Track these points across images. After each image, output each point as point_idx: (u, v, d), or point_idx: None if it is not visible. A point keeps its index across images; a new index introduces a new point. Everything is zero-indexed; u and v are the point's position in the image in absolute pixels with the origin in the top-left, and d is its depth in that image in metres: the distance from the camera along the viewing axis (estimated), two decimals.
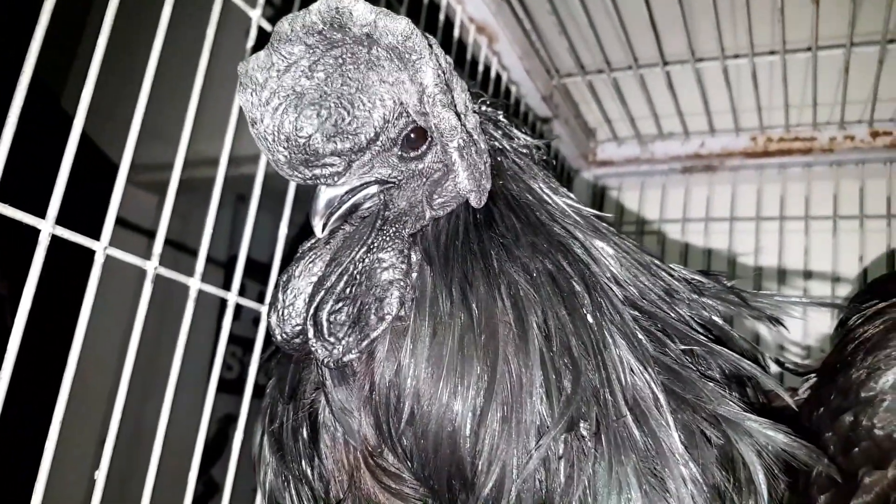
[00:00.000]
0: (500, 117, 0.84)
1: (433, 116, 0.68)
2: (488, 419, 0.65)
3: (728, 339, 0.82)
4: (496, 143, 0.81)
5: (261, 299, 1.04)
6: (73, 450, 1.29)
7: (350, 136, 0.69)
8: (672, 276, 0.82)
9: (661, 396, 0.66)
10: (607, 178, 2.19)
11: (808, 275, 1.88)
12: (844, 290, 1.84)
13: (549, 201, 0.81)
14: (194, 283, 0.86)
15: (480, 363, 0.66)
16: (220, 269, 2.11)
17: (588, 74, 1.80)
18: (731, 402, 0.68)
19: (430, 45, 0.70)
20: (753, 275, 1.86)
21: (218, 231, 0.90)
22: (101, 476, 0.74)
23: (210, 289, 0.88)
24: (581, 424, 0.65)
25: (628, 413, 0.65)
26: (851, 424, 0.73)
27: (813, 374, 0.86)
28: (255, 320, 1.04)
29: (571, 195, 0.85)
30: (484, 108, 0.82)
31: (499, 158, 0.80)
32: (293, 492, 0.75)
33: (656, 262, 0.82)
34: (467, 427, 0.65)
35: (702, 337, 0.74)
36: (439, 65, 0.69)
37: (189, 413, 0.87)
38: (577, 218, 0.81)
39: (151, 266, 0.81)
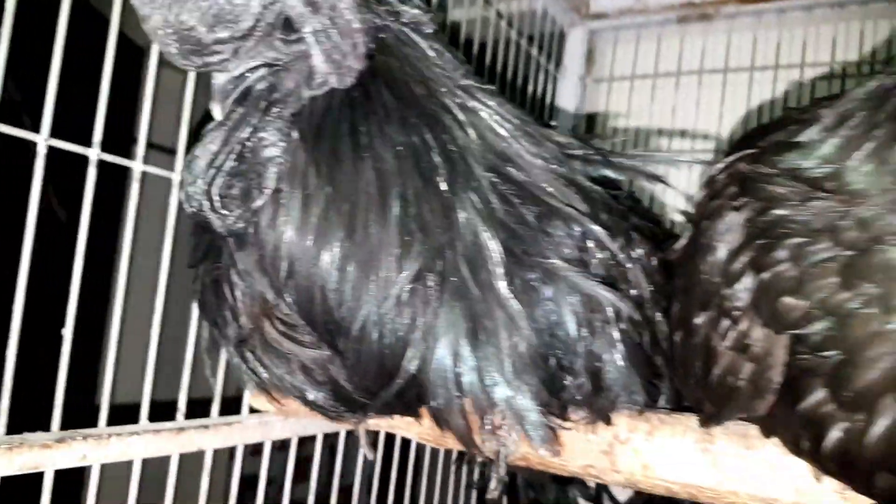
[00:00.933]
0: None
1: (283, 4, 0.75)
2: (349, 275, 0.76)
3: (600, 199, 0.89)
4: (377, 20, 0.86)
5: None
6: None
7: (230, 25, 0.77)
8: (546, 140, 0.89)
9: (495, 253, 0.76)
10: (603, 32, 2.15)
11: None
12: None
13: (430, 75, 0.87)
14: (137, 166, 0.97)
15: (344, 229, 0.76)
16: None
17: None
18: (557, 259, 0.77)
19: None
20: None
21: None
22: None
23: (153, 170, 0.99)
24: (428, 276, 0.76)
25: (465, 266, 0.75)
26: (690, 270, 0.81)
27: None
28: None
29: (459, 63, 0.91)
30: None
31: (381, 35, 0.86)
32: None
33: (532, 127, 0.89)
34: (333, 281, 0.77)
35: (554, 200, 0.82)
36: None
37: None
38: (457, 90, 0.88)
39: (94, 153, 0.92)
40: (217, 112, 0.84)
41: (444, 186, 0.79)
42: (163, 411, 1.00)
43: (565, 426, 0.84)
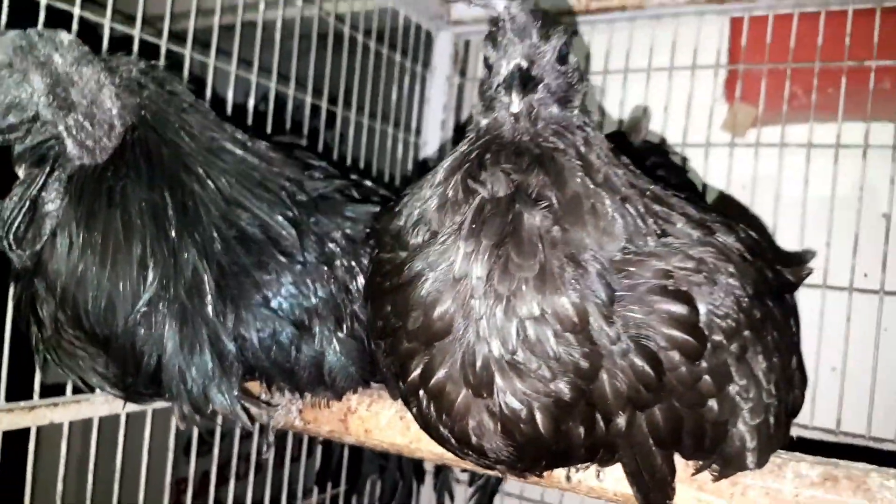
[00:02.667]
0: (153, 74, 1.17)
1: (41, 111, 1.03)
2: (103, 299, 1.06)
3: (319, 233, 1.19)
4: (140, 100, 1.14)
5: None
6: None
7: (19, 114, 1.05)
8: (278, 180, 1.18)
9: (207, 286, 1.06)
10: (468, 35, 2.39)
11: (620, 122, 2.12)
12: None
13: (180, 141, 1.15)
14: None
15: (98, 265, 1.06)
16: None
17: None
18: (267, 292, 1.08)
19: (56, 50, 1.03)
20: None
21: None
22: None
23: None
24: (159, 301, 1.06)
25: (184, 294, 1.05)
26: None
27: None
28: None
29: (214, 124, 1.19)
30: (131, 68, 1.14)
31: (143, 112, 1.14)
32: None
33: (267, 169, 1.18)
34: (92, 304, 1.06)
35: (269, 247, 1.12)
36: (51, 71, 1.02)
37: None
38: (204, 151, 1.16)
39: None
40: (20, 173, 1.12)
41: (173, 234, 1.08)
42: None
43: (272, 404, 1.15)
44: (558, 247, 0.80)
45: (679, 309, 0.81)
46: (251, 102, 1.67)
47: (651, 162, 1.29)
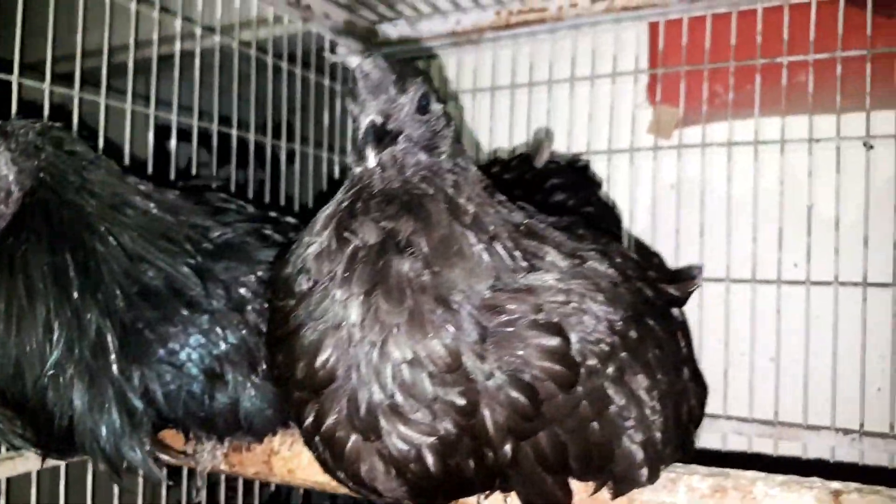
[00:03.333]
0: (51, 135, 1.18)
1: None
2: (12, 363, 1.07)
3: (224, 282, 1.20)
4: (38, 163, 1.15)
5: None
6: None
7: None
8: (182, 230, 1.20)
9: (111, 345, 1.07)
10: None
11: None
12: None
13: (82, 201, 1.16)
14: None
15: (4, 331, 1.07)
16: None
17: None
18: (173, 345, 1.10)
19: None
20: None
21: None
22: None
23: None
24: (66, 362, 1.07)
25: (90, 354, 1.07)
26: None
27: None
28: None
29: (118, 179, 1.20)
30: (27, 132, 1.15)
31: (41, 175, 1.15)
32: None
33: (173, 217, 1.20)
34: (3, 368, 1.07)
35: (174, 302, 1.13)
36: None
37: None
38: (107, 208, 1.17)
39: None
40: None
41: (76, 295, 1.09)
42: None
43: (190, 453, 1.17)
44: (428, 290, 0.82)
45: (549, 341, 0.84)
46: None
47: (550, 184, 1.32)
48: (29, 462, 1.42)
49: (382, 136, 0.82)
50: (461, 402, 0.83)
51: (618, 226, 1.57)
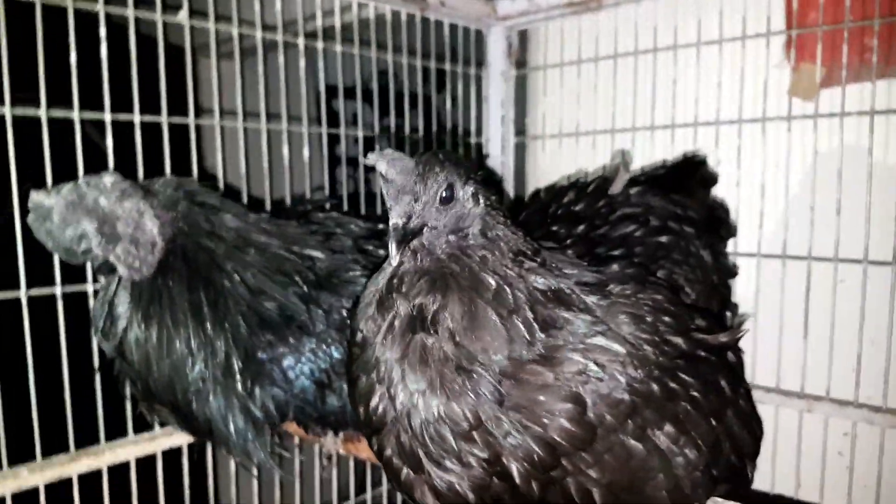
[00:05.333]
0: (185, 189, 1.42)
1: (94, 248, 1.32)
2: (165, 379, 1.36)
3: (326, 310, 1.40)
4: (173, 214, 1.40)
5: None
6: None
7: (88, 241, 1.36)
8: (296, 261, 1.41)
9: (236, 367, 1.32)
10: (520, 27, 2.43)
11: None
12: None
13: (212, 245, 1.40)
14: None
15: (157, 353, 1.36)
16: None
17: None
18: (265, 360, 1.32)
19: (101, 193, 1.31)
20: None
21: None
22: None
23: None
24: (203, 380, 1.34)
25: (220, 373, 1.33)
26: None
27: None
28: None
29: (240, 218, 1.43)
30: (166, 189, 1.40)
31: (180, 224, 1.40)
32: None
33: (285, 251, 1.41)
34: (159, 381, 1.37)
35: (282, 331, 1.35)
36: (98, 215, 1.30)
37: None
38: (232, 248, 1.40)
39: None
40: (102, 280, 1.44)
41: (208, 326, 1.35)
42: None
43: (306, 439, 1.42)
44: (450, 360, 0.94)
45: (564, 406, 0.93)
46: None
47: (620, 214, 1.34)
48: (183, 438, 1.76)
49: (405, 235, 0.94)
50: (484, 455, 0.96)
51: (717, 232, 1.52)
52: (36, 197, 1.30)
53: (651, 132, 2.15)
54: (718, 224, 1.55)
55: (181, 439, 1.73)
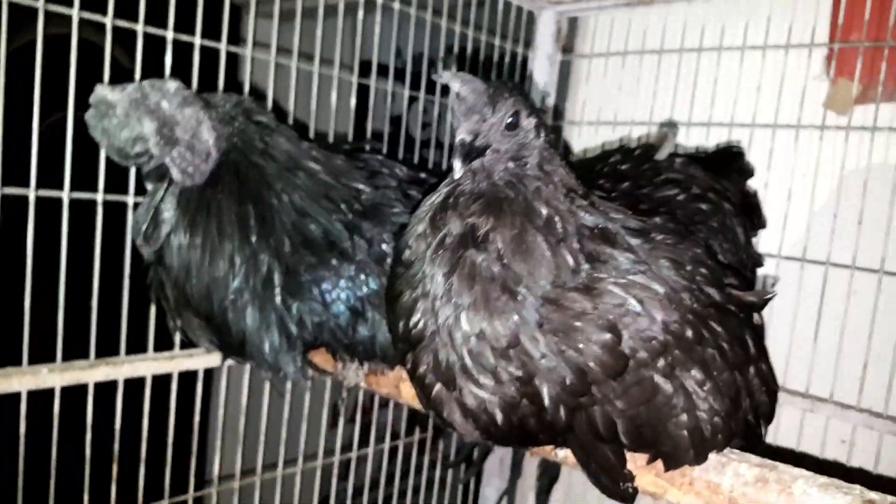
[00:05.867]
0: (243, 107, 1.47)
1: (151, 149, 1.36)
2: (204, 286, 1.40)
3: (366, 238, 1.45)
4: (231, 128, 1.44)
5: None
6: None
7: (144, 144, 1.40)
8: (342, 186, 1.46)
9: (277, 280, 1.36)
10: (571, 13, 2.48)
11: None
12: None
13: (266, 163, 1.45)
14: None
15: (199, 261, 1.40)
16: None
17: None
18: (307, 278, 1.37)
19: (164, 97, 1.36)
20: None
21: None
22: None
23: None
24: (243, 291, 1.38)
25: (260, 286, 1.37)
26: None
27: None
28: None
29: (292, 144, 1.47)
30: (225, 103, 1.45)
31: (234, 139, 1.45)
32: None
33: (333, 178, 1.46)
34: (196, 289, 1.41)
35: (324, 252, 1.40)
36: (158, 116, 1.34)
37: None
38: (282, 170, 1.45)
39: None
40: (148, 187, 1.49)
41: (254, 239, 1.39)
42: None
43: (328, 370, 1.47)
44: (496, 280, 0.99)
45: (600, 335, 0.98)
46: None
47: (664, 178, 1.38)
48: (214, 359, 1.80)
49: (469, 152, 0.98)
50: (518, 373, 1.00)
51: (750, 218, 1.57)
52: (101, 91, 1.35)
53: (688, 128, 2.20)
54: (751, 210, 1.60)
55: (200, 362, 1.78)
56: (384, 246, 1.47)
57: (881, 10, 1.87)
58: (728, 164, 1.62)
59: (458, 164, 0.97)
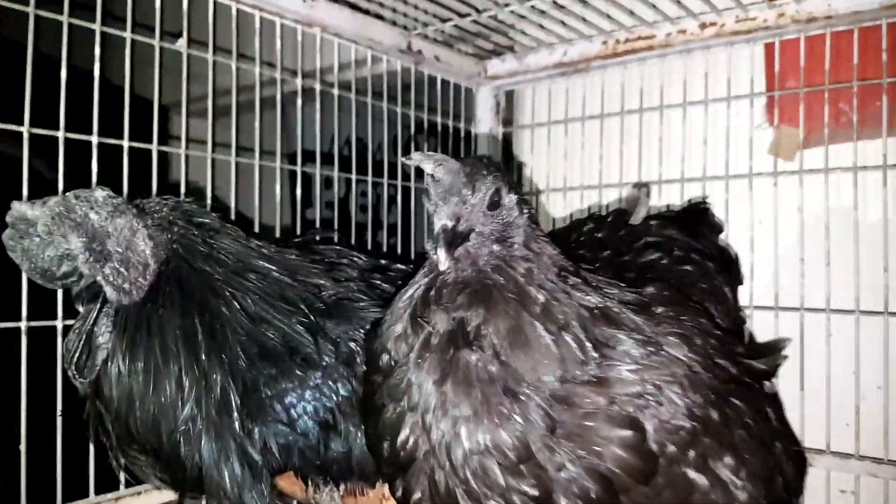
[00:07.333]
0: (182, 209, 1.33)
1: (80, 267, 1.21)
2: (149, 418, 1.23)
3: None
4: (172, 235, 1.30)
5: None
6: None
7: (71, 262, 1.24)
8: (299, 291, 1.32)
9: (234, 404, 1.20)
10: (506, 87, 2.46)
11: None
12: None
13: (209, 268, 1.30)
14: None
15: (142, 389, 1.23)
16: None
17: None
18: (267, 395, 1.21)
19: (92, 208, 1.21)
20: None
21: None
22: None
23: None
24: (195, 419, 1.21)
25: (215, 411, 1.20)
26: None
27: None
28: None
29: (241, 244, 1.33)
30: (161, 208, 1.31)
31: (174, 245, 1.30)
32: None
33: (290, 278, 1.32)
34: (141, 423, 1.23)
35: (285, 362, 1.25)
36: (86, 230, 1.19)
37: None
38: (230, 273, 1.30)
39: None
40: (80, 308, 1.32)
41: (203, 357, 1.23)
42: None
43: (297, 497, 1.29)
44: (496, 382, 0.86)
45: (623, 433, 0.86)
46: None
47: (644, 242, 1.31)
48: (166, 496, 1.59)
49: (453, 238, 0.87)
50: (534, 492, 0.87)
51: (731, 273, 1.51)
52: (19, 207, 1.20)
53: (640, 187, 2.17)
54: (730, 266, 1.53)
55: (150, 501, 1.57)
56: (352, 345, 1.33)
57: (813, 56, 1.90)
58: (698, 220, 1.57)
59: (443, 254, 0.86)
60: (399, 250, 2.27)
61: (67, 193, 1.23)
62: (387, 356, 0.98)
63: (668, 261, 1.27)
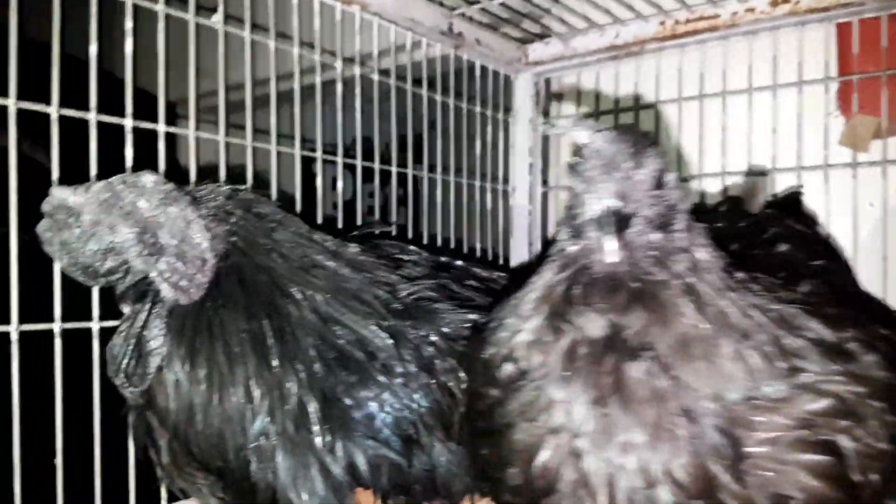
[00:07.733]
0: (239, 198, 1.17)
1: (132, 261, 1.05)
2: (213, 434, 1.07)
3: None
4: (230, 227, 1.14)
5: None
6: None
7: (116, 257, 1.08)
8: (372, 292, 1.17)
9: (313, 415, 1.05)
10: (548, 74, 2.32)
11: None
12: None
13: (274, 264, 1.15)
14: None
15: (204, 401, 1.07)
16: None
17: None
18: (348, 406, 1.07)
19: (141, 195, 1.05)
20: None
21: None
22: None
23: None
24: (268, 434, 1.06)
25: (291, 425, 1.05)
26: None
27: None
28: None
29: (305, 238, 1.18)
30: (216, 196, 1.15)
31: (233, 238, 1.15)
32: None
33: (362, 278, 1.17)
34: (205, 439, 1.08)
35: (364, 367, 1.10)
36: (137, 219, 1.04)
37: None
38: (298, 270, 1.15)
39: None
40: (125, 309, 1.16)
41: (275, 363, 1.08)
42: None
43: None
44: (669, 400, 0.72)
45: (822, 460, 0.72)
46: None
47: (772, 234, 1.17)
48: None
49: (621, 222, 0.73)
50: None
51: (845, 269, 1.38)
52: (60, 194, 1.04)
53: (699, 180, 2.03)
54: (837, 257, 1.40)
55: None
56: (431, 349, 1.18)
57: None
58: (797, 209, 1.43)
59: (612, 242, 0.71)
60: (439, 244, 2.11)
61: (111, 179, 1.08)
62: (510, 366, 0.83)
63: (802, 254, 1.13)
